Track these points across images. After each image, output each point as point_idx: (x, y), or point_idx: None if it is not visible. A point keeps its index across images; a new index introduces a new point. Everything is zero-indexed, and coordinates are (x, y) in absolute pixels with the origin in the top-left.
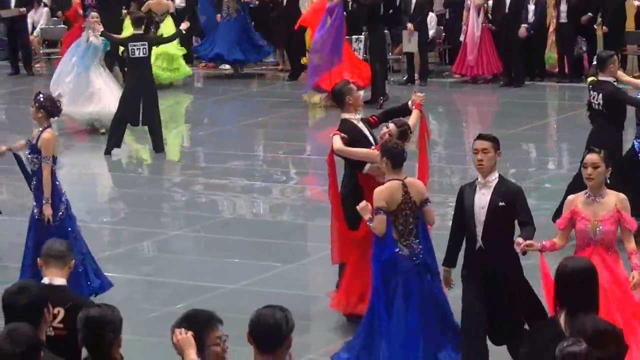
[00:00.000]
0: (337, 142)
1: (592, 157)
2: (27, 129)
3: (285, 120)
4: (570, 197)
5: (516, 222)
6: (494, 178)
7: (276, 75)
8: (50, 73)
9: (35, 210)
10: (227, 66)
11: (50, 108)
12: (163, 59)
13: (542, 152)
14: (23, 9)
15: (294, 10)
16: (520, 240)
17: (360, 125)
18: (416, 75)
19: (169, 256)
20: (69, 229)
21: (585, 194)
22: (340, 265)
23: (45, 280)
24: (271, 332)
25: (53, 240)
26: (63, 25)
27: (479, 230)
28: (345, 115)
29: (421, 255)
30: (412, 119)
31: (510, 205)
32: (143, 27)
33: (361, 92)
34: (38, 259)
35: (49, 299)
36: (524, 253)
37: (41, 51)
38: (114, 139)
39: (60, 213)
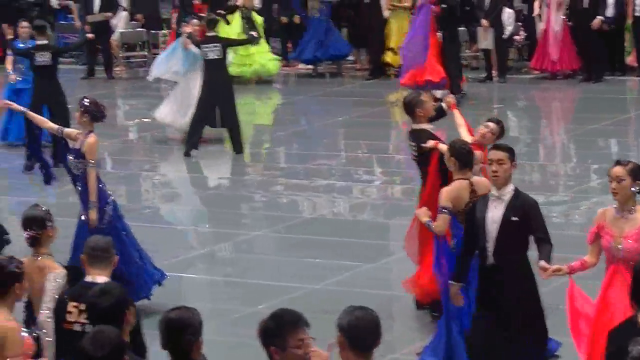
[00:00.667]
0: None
1: (616, 170)
2: (107, 134)
3: (365, 119)
4: (601, 210)
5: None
6: (508, 191)
7: (354, 74)
8: (130, 77)
9: (83, 214)
10: (308, 65)
11: (95, 113)
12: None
13: (624, 148)
14: (109, 14)
15: (374, 8)
16: (544, 264)
17: (436, 134)
18: (494, 72)
19: (251, 257)
20: (119, 229)
21: (615, 207)
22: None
23: (88, 279)
24: (372, 332)
25: (95, 237)
26: (142, 29)
27: (490, 246)
28: (422, 126)
29: None
30: (458, 119)
31: (525, 221)
32: (216, 29)
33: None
34: (81, 255)
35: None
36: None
37: (120, 55)
38: (192, 141)
39: (108, 215)
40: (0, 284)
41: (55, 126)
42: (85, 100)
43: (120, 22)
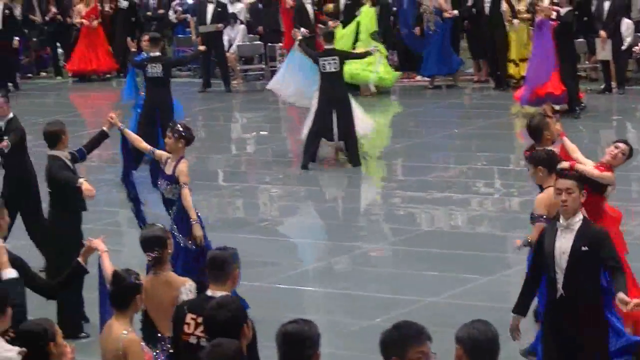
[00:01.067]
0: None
1: None
2: (224, 147)
3: (484, 130)
4: None
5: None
6: (577, 220)
7: (473, 86)
8: (247, 90)
9: (180, 238)
10: (425, 77)
11: (190, 138)
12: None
13: None
14: (220, 25)
15: (495, 20)
16: (623, 297)
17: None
18: (613, 84)
19: (367, 270)
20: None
21: None
22: None
23: (208, 292)
24: (491, 345)
25: (213, 252)
26: (259, 42)
27: (560, 277)
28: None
29: None
30: (570, 145)
31: (595, 250)
32: (334, 41)
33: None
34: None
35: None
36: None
37: (238, 68)
38: (310, 153)
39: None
40: (121, 296)
41: (149, 147)
42: (179, 126)
43: (238, 35)
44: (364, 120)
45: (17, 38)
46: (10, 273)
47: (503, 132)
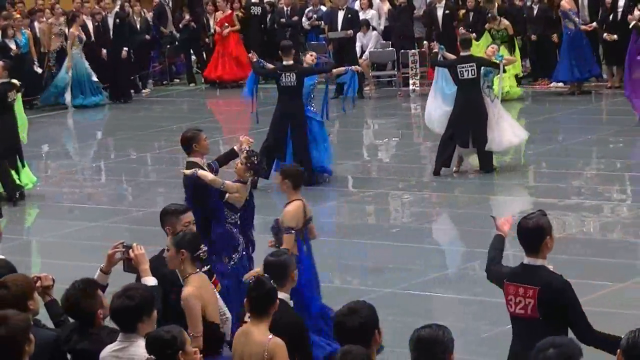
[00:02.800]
0: None
1: None
2: (358, 152)
3: (617, 137)
4: None
5: None
6: None
7: (606, 93)
8: (379, 96)
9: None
10: (559, 83)
11: (257, 169)
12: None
13: None
14: (350, 32)
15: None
16: None
17: None
18: None
19: None
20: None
21: None
22: None
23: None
24: None
25: (268, 257)
26: (392, 49)
27: None
28: None
29: None
30: None
31: None
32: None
33: None
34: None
35: None
36: None
37: (370, 74)
38: (442, 159)
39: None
40: (262, 302)
41: (219, 181)
42: (254, 158)
43: (370, 42)
44: (515, 128)
45: (125, 49)
46: (152, 281)
47: (637, 138)
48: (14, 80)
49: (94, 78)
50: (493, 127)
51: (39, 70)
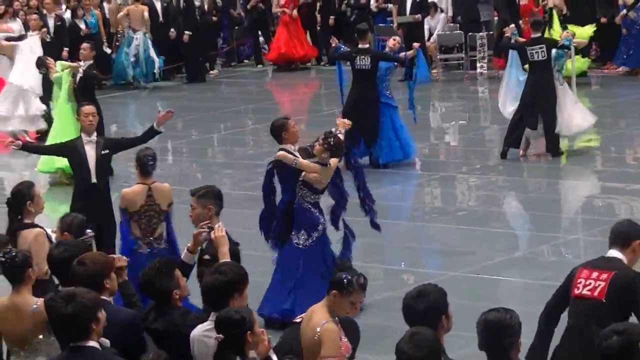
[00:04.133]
0: None
1: None
2: (423, 135)
3: None
4: None
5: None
6: None
7: None
8: (446, 79)
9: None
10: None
11: (335, 150)
12: None
13: None
14: (418, 16)
15: None
16: None
17: None
18: None
19: (567, 260)
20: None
21: None
22: None
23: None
24: None
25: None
26: (459, 31)
27: None
28: None
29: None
30: None
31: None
32: (541, 30)
33: None
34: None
35: None
36: None
37: (438, 57)
38: (510, 140)
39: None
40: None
41: (290, 158)
42: (331, 138)
43: (438, 24)
44: (584, 112)
45: (188, 32)
46: None
47: None
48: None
49: (155, 59)
50: (562, 110)
51: (108, 51)
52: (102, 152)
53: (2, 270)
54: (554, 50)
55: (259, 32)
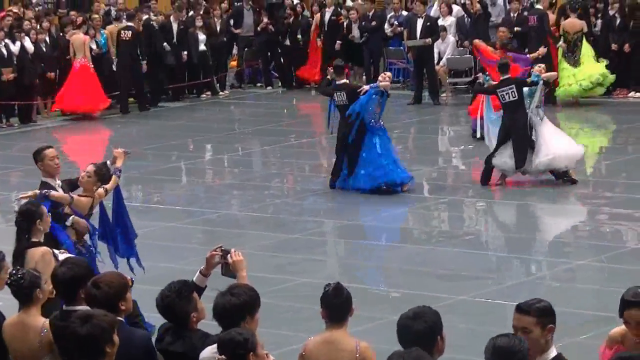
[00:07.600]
0: None
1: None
2: (433, 158)
3: None
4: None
5: None
6: None
7: None
8: (455, 103)
9: None
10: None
11: None
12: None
13: None
14: (428, 40)
15: None
16: None
17: None
18: None
19: (572, 285)
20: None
21: None
22: None
23: None
24: None
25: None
26: (469, 55)
27: None
28: None
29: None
30: None
31: None
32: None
33: None
34: None
35: None
36: None
37: (447, 81)
38: (485, 177)
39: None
40: (341, 309)
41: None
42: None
43: (448, 48)
44: (571, 144)
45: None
46: None
47: None
48: None
49: None
50: (549, 144)
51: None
52: None
53: (10, 291)
54: (525, 89)
55: (269, 54)
